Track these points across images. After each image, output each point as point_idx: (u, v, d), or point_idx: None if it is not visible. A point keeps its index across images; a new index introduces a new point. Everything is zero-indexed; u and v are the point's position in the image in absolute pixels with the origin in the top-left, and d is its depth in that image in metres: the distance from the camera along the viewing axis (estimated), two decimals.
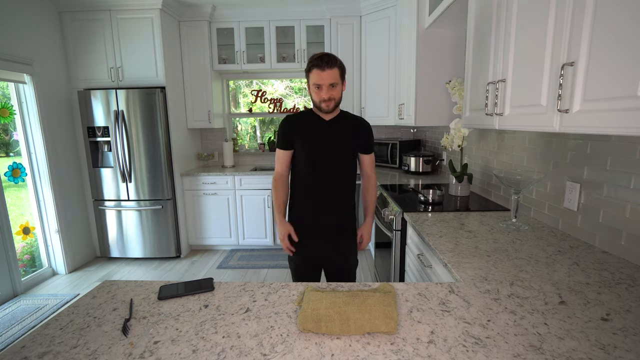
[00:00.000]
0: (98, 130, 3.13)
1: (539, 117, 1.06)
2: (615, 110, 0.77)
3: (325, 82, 1.36)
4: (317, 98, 1.40)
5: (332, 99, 1.40)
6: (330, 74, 1.35)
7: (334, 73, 1.36)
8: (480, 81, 1.49)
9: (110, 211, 3.28)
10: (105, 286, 0.99)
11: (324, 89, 1.37)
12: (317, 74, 1.35)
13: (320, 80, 1.35)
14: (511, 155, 1.79)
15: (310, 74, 1.38)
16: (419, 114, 2.50)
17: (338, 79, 1.38)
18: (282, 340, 0.72)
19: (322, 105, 1.41)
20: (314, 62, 1.36)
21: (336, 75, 1.37)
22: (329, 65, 1.34)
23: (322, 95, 1.38)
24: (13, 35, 2.63)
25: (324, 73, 1.34)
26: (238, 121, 4.20)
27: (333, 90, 1.39)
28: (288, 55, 3.58)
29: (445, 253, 1.18)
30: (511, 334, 0.72)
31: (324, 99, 1.38)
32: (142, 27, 3.06)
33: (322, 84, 1.36)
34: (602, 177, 1.21)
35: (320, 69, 1.34)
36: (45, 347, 0.71)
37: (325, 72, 1.34)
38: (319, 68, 1.34)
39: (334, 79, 1.36)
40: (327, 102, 1.40)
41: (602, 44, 0.81)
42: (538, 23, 1.07)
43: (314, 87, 1.39)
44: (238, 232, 3.49)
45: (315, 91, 1.40)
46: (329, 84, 1.36)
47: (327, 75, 1.34)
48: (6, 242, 2.58)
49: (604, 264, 1.08)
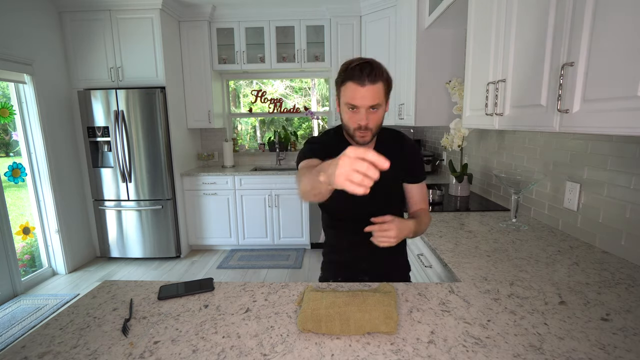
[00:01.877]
0: (98, 130, 3.13)
1: (539, 117, 1.06)
2: (615, 110, 0.77)
3: (365, 104, 0.94)
4: (350, 124, 1.00)
5: (370, 130, 0.99)
6: (372, 92, 0.93)
7: (378, 90, 0.94)
8: (480, 81, 1.49)
9: (110, 211, 3.28)
10: (105, 286, 0.99)
11: (361, 113, 0.96)
12: (354, 90, 0.94)
13: (356, 99, 0.94)
14: (511, 155, 1.79)
15: (343, 88, 0.97)
16: (419, 114, 2.50)
17: (382, 98, 0.97)
18: (282, 340, 0.72)
19: (355, 134, 1.00)
20: (349, 72, 0.94)
21: (380, 94, 0.95)
22: (372, 79, 0.93)
23: (359, 122, 0.97)
24: (13, 35, 2.63)
25: (363, 89, 0.93)
26: (238, 121, 4.20)
27: (373, 114, 0.97)
28: (288, 55, 3.58)
29: (445, 253, 1.18)
30: (511, 334, 0.72)
31: (359, 126, 0.98)
32: (142, 27, 3.06)
33: (359, 105, 0.95)
34: (602, 177, 1.21)
35: (359, 82, 0.93)
36: (45, 347, 0.71)
37: (366, 87, 0.93)
38: (358, 82, 0.93)
39: (377, 99, 0.95)
40: (362, 132, 0.99)
41: (602, 44, 0.81)
42: (538, 23, 1.07)
43: (347, 107, 0.98)
44: (238, 232, 3.49)
45: (347, 113, 0.99)
46: (369, 105, 0.95)
47: (369, 92, 0.93)
48: (6, 242, 2.58)
49: (604, 264, 1.08)
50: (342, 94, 0.99)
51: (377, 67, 0.95)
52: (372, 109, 0.97)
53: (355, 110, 0.97)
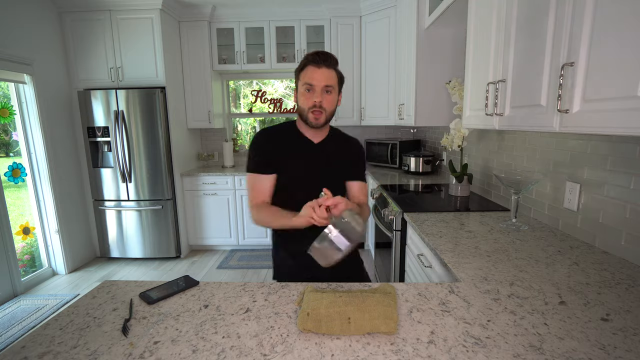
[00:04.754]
0: (98, 130, 3.13)
1: (539, 117, 1.06)
2: (615, 110, 0.77)
3: (320, 83, 1.08)
4: (305, 104, 1.11)
5: (324, 110, 1.10)
6: (327, 74, 1.09)
7: (332, 75, 1.10)
8: (480, 81, 1.49)
9: (110, 211, 3.28)
10: (105, 286, 0.99)
11: (316, 91, 1.08)
12: (311, 71, 1.08)
13: (313, 79, 1.08)
14: (511, 155, 1.79)
15: (302, 73, 1.11)
16: (419, 114, 2.51)
17: (335, 82, 1.11)
18: (282, 341, 0.72)
19: (309, 115, 1.10)
20: (308, 58, 1.10)
21: (334, 79, 1.11)
22: (327, 63, 1.09)
23: (314, 99, 1.08)
24: (13, 35, 2.63)
25: (319, 71, 1.08)
26: (238, 121, 4.20)
27: (327, 96, 1.10)
28: (288, 55, 3.58)
29: (445, 253, 1.18)
30: (511, 334, 0.72)
31: (314, 104, 1.08)
32: (142, 27, 3.06)
33: (315, 84, 1.08)
34: (602, 177, 1.21)
35: (315, 65, 1.08)
36: (45, 347, 0.71)
37: (322, 69, 1.08)
38: (315, 64, 1.08)
39: (331, 81, 1.09)
40: (316, 112, 1.09)
41: (602, 44, 0.81)
42: (538, 23, 1.07)
43: (304, 89, 1.10)
44: (238, 232, 3.49)
45: (304, 95, 1.10)
46: (324, 85, 1.08)
47: (324, 74, 1.08)
48: (6, 242, 2.58)
49: (604, 264, 1.08)
50: (300, 78, 1.12)
51: (331, 56, 1.11)
52: (326, 91, 1.10)
53: (311, 91, 1.09)
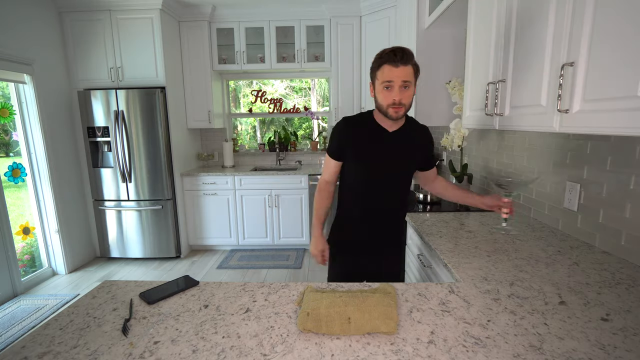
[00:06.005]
0: (98, 130, 3.13)
1: (539, 117, 1.06)
2: (615, 110, 0.77)
3: (398, 79, 1.11)
4: (385, 101, 1.16)
5: (403, 105, 1.15)
6: (404, 71, 1.11)
7: (409, 70, 1.12)
8: (480, 81, 1.49)
9: (110, 211, 3.28)
10: (105, 286, 0.99)
11: (395, 89, 1.12)
12: (389, 70, 1.11)
13: (392, 76, 1.11)
14: (511, 155, 1.79)
15: (379, 71, 1.15)
16: (419, 114, 2.50)
17: (412, 78, 1.14)
18: (282, 341, 0.72)
19: (389, 110, 1.17)
20: (384, 57, 1.12)
21: (411, 74, 1.13)
22: (404, 61, 1.10)
23: (393, 97, 1.13)
24: (13, 35, 2.63)
25: (397, 69, 1.10)
26: (238, 121, 4.20)
27: (405, 92, 1.14)
28: (288, 55, 3.58)
29: (445, 253, 1.18)
30: (511, 334, 0.72)
31: (394, 102, 1.13)
32: (142, 27, 3.06)
33: (394, 80, 1.11)
34: (602, 177, 1.21)
35: (393, 64, 1.10)
36: (45, 347, 0.71)
37: (400, 68, 1.10)
38: (392, 63, 1.11)
39: (409, 77, 1.12)
40: (396, 108, 1.15)
41: (602, 44, 0.81)
42: (538, 23, 1.07)
43: (382, 87, 1.15)
44: (238, 232, 3.49)
45: (383, 92, 1.15)
46: (402, 81, 1.12)
47: (402, 72, 1.11)
48: (6, 242, 2.58)
49: (604, 264, 1.08)
50: (377, 76, 1.16)
51: (407, 52, 1.12)
52: (404, 87, 1.13)
53: (390, 88, 1.13)
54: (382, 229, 1.37)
